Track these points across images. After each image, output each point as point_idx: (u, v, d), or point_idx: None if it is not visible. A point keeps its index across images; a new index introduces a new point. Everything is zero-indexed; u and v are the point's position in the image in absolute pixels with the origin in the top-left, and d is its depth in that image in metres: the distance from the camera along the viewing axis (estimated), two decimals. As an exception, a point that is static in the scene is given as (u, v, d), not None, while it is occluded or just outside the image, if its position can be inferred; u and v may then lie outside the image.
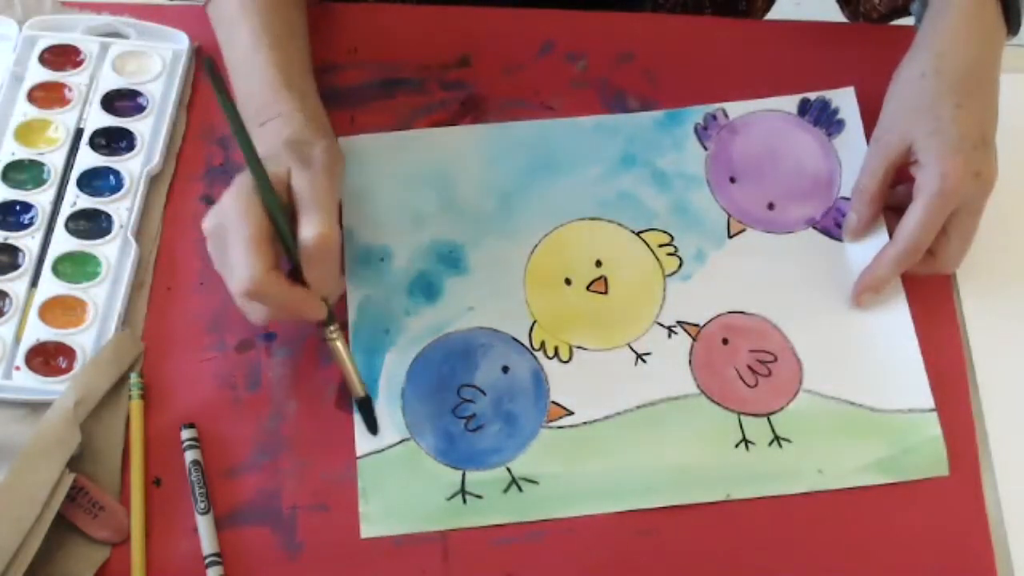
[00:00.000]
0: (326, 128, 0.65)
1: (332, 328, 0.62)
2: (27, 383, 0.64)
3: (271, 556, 0.61)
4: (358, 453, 0.63)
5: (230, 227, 0.57)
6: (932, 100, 0.65)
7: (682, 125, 0.73)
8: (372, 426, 0.64)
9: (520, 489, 0.63)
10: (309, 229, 0.57)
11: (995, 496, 0.63)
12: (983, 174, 0.63)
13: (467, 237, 0.69)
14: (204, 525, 0.61)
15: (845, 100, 0.73)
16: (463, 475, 0.63)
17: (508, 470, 0.63)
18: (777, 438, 0.64)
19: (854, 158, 0.71)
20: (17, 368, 0.64)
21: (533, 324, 0.67)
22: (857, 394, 0.65)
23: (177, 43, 0.75)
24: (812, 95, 0.74)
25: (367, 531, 0.61)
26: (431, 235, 0.69)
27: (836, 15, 0.80)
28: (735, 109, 0.73)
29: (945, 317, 0.68)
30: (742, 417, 0.65)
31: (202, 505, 0.61)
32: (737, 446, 0.64)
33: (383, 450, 0.63)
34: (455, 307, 0.67)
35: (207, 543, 0.61)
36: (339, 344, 0.63)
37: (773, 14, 0.92)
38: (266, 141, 0.61)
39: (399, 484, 0.62)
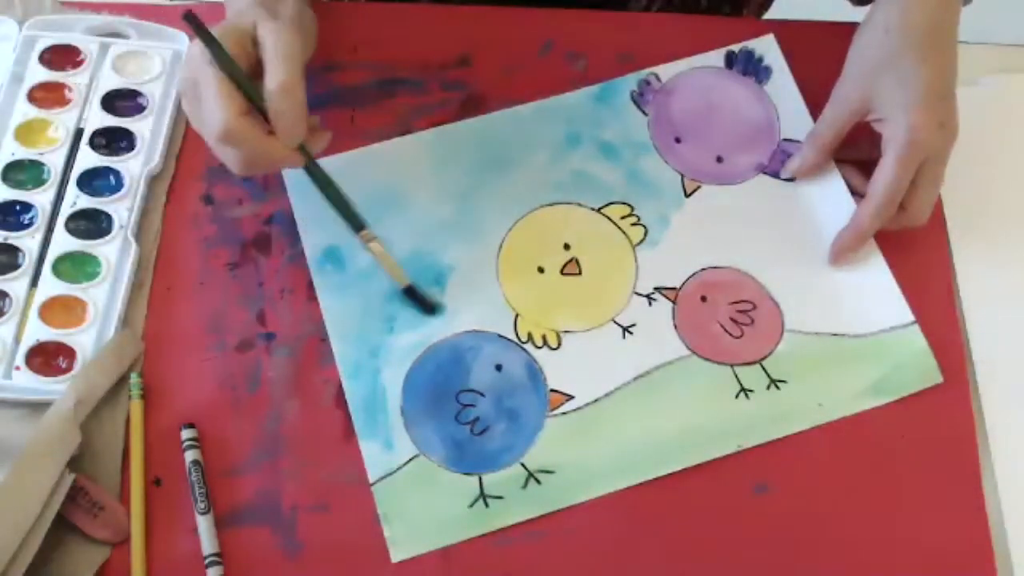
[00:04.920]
0: None
1: (364, 232, 0.64)
2: (27, 383, 0.64)
3: (271, 556, 0.61)
4: (371, 479, 0.63)
5: (200, 77, 0.58)
6: (896, 55, 0.66)
7: (619, 95, 0.74)
8: (428, 308, 0.65)
9: (538, 482, 0.63)
10: (272, 79, 0.58)
11: (995, 496, 0.63)
12: (947, 125, 0.65)
13: (433, 246, 0.69)
14: (204, 525, 0.61)
15: (768, 47, 0.75)
16: (480, 480, 0.63)
17: (523, 465, 0.63)
18: (773, 381, 0.65)
19: (787, 101, 0.73)
20: (17, 368, 0.64)
21: (516, 318, 0.67)
22: (838, 324, 0.67)
23: (177, 43, 0.75)
24: (736, 47, 0.75)
25: (397, 555, 0.61)
26: (398, 250, 0.69)
27: (836, 15, 0.80)
28: (666, 71, 0.74)
29: (944, 308, 0.68)
30: (736, 368, 0.66)
31: (202, 505, 0.61)
32: (737, 397, 0.65)
33: (395, 471, 0.63)
34: (436, 317, 0.67)
35: (207, 543, 0.61)
36: (372, 245, 0.64)
37: (772, 13, 0.92)
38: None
39: (418, 502, 0.62)
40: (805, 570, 0.62)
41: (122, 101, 0.73)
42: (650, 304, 0.68)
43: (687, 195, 0.71)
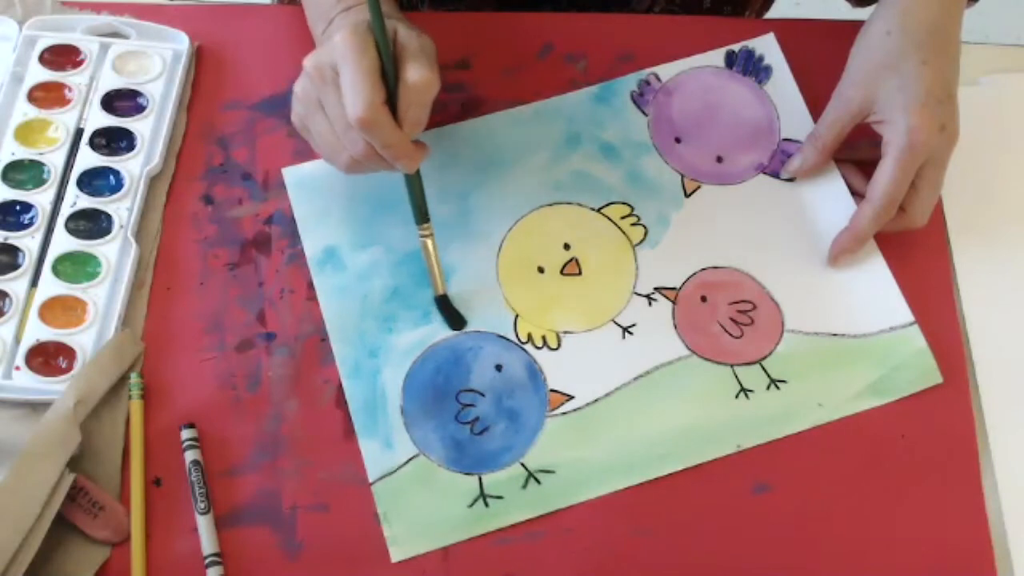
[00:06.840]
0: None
1: (426, 226, 0.65)
2: (27, 383, 0.64)
3: (271, 556, 0.61)
4: (370, 479, 0.63)
5: (345, 61, 0.59)
6: (897, 56, 0.66)
7: (619, 95, 0.74)
8: (455, 322, 0.66)
9: (538, 482, 0.63)
10: (415, 71, 0.59)
11: (995, 496, 0.63)
12: (948, 128, 0.65)
13: None
14: (204, 525, 0.61)
15: (768, 46, 0.75)
16: (479, 479, 0.63)
17: (523, 465, 0.63)
18: (773, 381, 0.66)
19: (787, 100, 0.74)
20: (17, 368, 0.64)
21: (516, 318, 0.67)
22: (838, 325, 0.67)
23: (177, 43, 0.75)
24: (736, 46, 0.75)
25: (397, 555, 0.61)
26: (398, 250, 0.69)
27: (835, 14, 0.80)
28: (666, 71, 0.75)
29: (944, 308, 0.68)
30: (736, 368, 0.66)
31: (202, 505, 0.61)
32: (737, 396, 0.65)
33: (395, 471, 0.63)
34: (436, 317, 0.67)
35: (207, 543, 0.61)
36: (428, 243, 0.66)
37: (773, 13, 0.92)
38: (361, 12, 0.64)
39: (418, 501, 0.62)
40: (805, 570, 0.62)
41: (122, 101, 0.73)
42: (650, 304, 0.68)
43: (687, 195, 0.71)
